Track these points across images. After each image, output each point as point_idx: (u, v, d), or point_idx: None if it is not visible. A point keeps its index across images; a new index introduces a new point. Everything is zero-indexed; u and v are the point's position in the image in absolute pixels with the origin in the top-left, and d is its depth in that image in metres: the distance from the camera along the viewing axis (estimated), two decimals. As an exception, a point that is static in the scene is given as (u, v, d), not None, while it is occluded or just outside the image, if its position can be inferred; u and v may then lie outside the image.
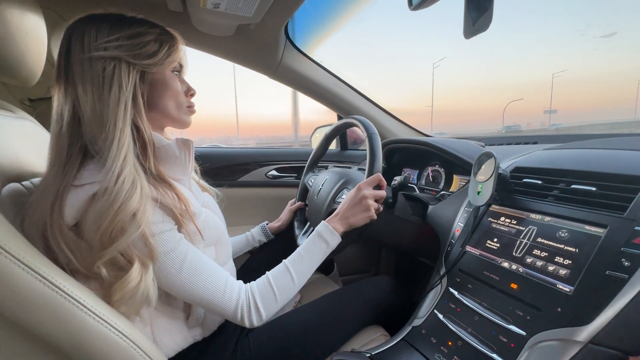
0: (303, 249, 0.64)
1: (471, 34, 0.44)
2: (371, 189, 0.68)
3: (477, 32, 0.43)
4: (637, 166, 0.54)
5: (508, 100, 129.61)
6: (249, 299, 0.56)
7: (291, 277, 0.60)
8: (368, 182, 0.68)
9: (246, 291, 0.56)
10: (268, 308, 0.57)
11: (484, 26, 0.42)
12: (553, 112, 32.32)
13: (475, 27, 0.43)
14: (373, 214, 0.67)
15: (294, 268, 0.61)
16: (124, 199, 0.45)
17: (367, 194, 0.66)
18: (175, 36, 0.58)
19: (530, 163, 0.70)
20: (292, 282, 0.60)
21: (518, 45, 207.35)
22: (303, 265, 0.62)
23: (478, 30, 0.43)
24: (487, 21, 0.41)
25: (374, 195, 0.67)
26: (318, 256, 0.64)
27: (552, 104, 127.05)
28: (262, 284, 0.58)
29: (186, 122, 0.62)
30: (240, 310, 0.55)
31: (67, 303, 0.39)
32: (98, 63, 0.49)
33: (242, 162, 1.31)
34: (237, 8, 0.74)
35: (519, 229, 0.60)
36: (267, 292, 0.57)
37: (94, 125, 0.49)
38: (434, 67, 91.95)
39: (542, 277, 0.52)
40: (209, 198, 0.71)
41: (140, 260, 0.47)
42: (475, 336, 0.56)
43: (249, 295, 0.56)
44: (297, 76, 1.13)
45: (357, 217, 0.66)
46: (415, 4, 0.55)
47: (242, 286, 0.57)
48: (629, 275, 0.43)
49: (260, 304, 0.56)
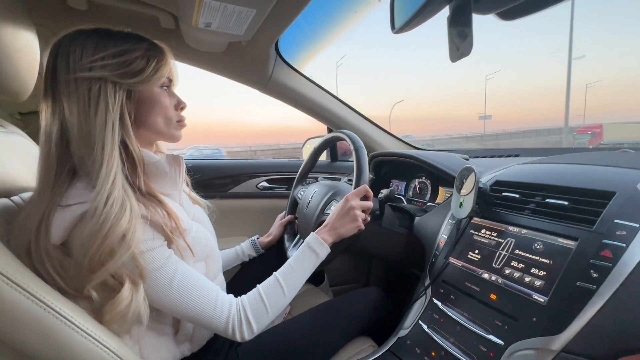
0: (293, 260, 0.64)
1: (457, 57, 0.47)
2: (358, 199, 0.70)
3: (461, 56, 0.46)
4: (606, 181, 0.57)
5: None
6: (240, 313, 0.56)
7: (282, 289, 0.60)
8: (355, 193, 0.70)
9: (237, 305, 0.56)
10: (259, 321, 0.57)
11: (467, 50, 0.45)
12: (487, 117, 33.19)
13: (460, 52, 0.46)
14: (361, 224, 0.68)
15: (285, 280, 0.61)
16: (113, 221, 0.45)
17: (355, 204, 0.68)
18: (164, 50, 0.57)
19: (510, 177, 0.74)
20: (283, 294, 0.60)
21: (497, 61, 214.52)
22: (293, 277, 0.62)
23: (462, 54, 0.46)
24: (469, 45, 0.45)
25: (362, 206, 0.69)
26: (308, 267, 0.64)
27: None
28: (253, 297, 0.58)
29: (176, 136, 0.61)
30: (231, 325, 0.54)
31: (55, 320, 0.39)
32: (83, 84, 0.48)
33: (233, 173, 1.32)
34: (228, 27, 0.77)
35: (498, 241, 0.63)
36: (258, 305, 0.57)
37: (82, 147, 0.48)
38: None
39: (519, 287, 0.54)
40: (200, 211, 0.72)
41: (130, 279, 0.47)
42: (457, 346, 0.58)
43: (240, 309, 0.56)
44: (288, 90, 1.16)
45: (346, 227, 0.68)
46: (397, 28, 0.58)
47: (232, 300, 0.57)
48: (597, 286, 0.45)
49: (251, 317, 0.56)
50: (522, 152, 1.09)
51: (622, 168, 0.60)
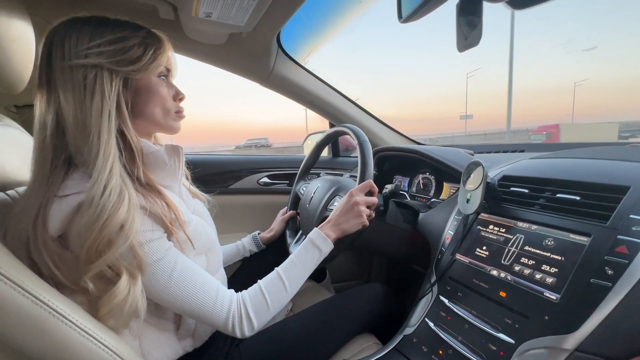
0: (295, 256, 0.63)
1: (464, 47, 0.45)
2: (363, 195, 0.68)
3: (469, 46, 0.45)
4: (619, 176, 0.55)
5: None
6: (240, 308, 0.55)
7: (283, 285, 0.59)
8: (360, 189, 0.69)
9: (237, 300, 0.55)
10: (260, 317, 0.56)
11: (475, 41, 0.43)
12: (469, 117, 32.88)
13: (468, 42, 0.44)
14: (365, 220, 0.67)
15: (287, 276, 0.60)
16: (111, 211, 0.44)
17: (359, 200, 0.67)
18: (162, 38, 0.56)
19: (518, 172, 0.72)
20: (284, 290, 0.59)
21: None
22: (295, 273, 0.61)
23: (470, 44, 0.44)
24: (478, 36, 0.43)
25: (366, 201, 0.68)
26: (311, 263, 0.63)
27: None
28: (254, 292, 0.57)
29: (174, 128, 0.60)
30: (231, 320, 0.54)
31: (52, 318, 0.38)
32: (79, 71, 0.47)
33: (233, 168, 1.30)
34: (229, 17, 0.75)
35: (507, 237, 0.61)
36: (259, 300, 0.56)
37: (78, 135, 0.47)
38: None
39: (529, 285, 0.53)
40: (200, 205, 0.70)
41: (128, 272, 0.46)
42: (466, 344, 0.56)
43: (240, 305, 0.55)
44: (289, 84, 1.14)
45: (350, 223, 0.66)
46: (405, 17, 0.56)
47: (233, 295, 0.56)
48: (612, 283, 0.44)
49: (252, 313, 0.55)
50: (527, 147, 1.08)
51: (635, 162, 0.58)
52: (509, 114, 14.58)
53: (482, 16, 0.45)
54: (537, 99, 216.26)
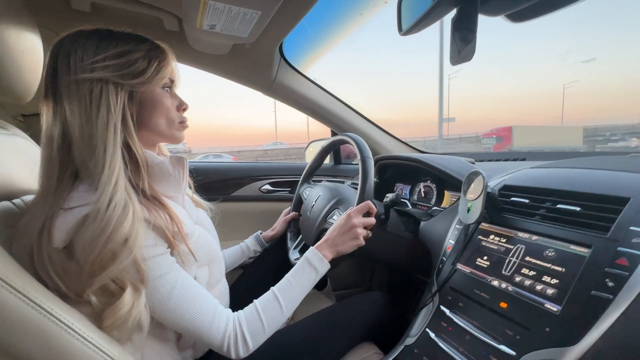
0: (292, 276, 0.63)
1: (456, 61, 0.46)
2: (361, 216, 0.69)
3: (462, 60, 0.45)
4: (620, 187, 0.55)
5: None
6: (236, 330, 0.54)
7: (280, 306, 0.58)
8: (358, 210, 0.69)
9: (234, 321, 0.55)
10: (255, 339, 0.55)
11: (467, 56, 0.44)
12: (451, 120, 32.34)
13: (461, 56, 0.45)
14: (361, 241, 0.68)
15: (283, 296, 0.59)
16: (115, 225, 0.44)
17: (357, 222, 0.67)
18: (165, 50, 0.57)
19: (519, 181, 0.72)
20: (280, 311, 0.58)
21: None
22: (292, 294, 0.61)
23: (463, 59, 0.45)
24: (471, 52, 0.44)
25: (363, 223, 0.69)
26: (307, 284, 0.63)
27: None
28: (250, 313, 0.57)
29: (178, 138, 0.61)
30: (227, 342, 0.53)
31: (56, 327, 0.38)
32: (85, 85, 0.48)
33: (236, 176, 1.31)
34: (232, 29, 0.76)
35: (507, 247, 0.61)
36: (255, 322, 0.56)
37: (84, 149, 0.48)
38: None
39: (530, 296, 0.53)
40: (203, 215, 0.71)
41: (132, 285, 0.46)
42: (467, 356, 0.56)
43: (236, 326, 0.54)
44: (292, 93, 1.15)
45: (346, 245, 0.67)
46: (405, 30, 0.57)
47: (230, 316, 0.55)
48: (613, 295, 0.44)
49: (247, 334, 0.54)
50: (529, 155, 1.08)
51: (635, 173, 0.58)
52: (440, 119, 14.34)
53: (477, 32, 0.46)
54: (531, 103, 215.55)
